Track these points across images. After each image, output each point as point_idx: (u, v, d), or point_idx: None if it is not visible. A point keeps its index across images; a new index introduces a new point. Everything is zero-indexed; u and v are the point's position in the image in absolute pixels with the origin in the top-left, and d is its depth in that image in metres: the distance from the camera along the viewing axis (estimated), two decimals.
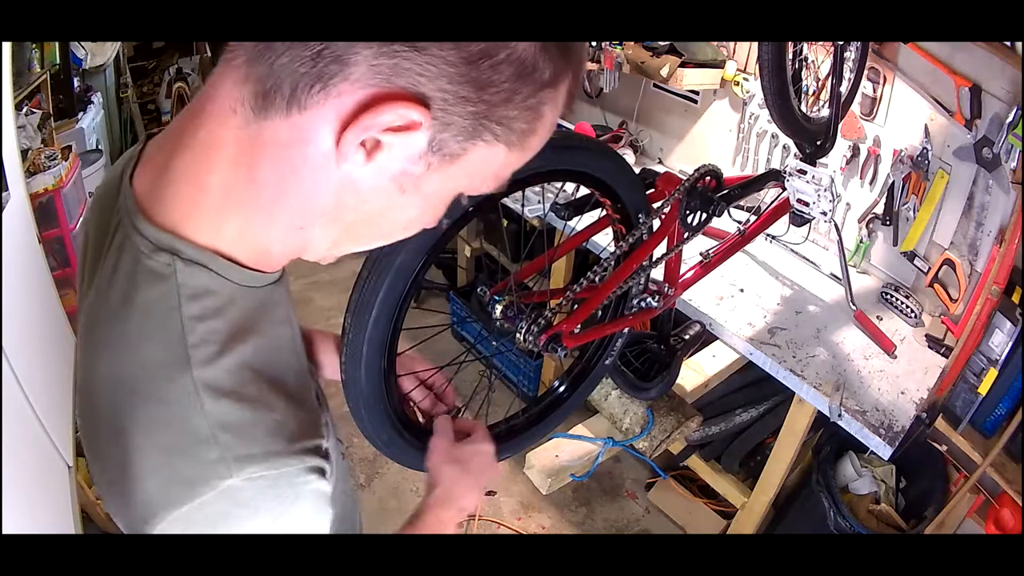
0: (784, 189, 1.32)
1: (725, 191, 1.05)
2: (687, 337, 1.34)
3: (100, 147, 3.11)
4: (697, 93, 2.23)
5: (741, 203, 1.91)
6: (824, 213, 1.23)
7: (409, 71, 0.40)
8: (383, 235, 0.51)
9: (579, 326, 0.92)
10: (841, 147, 1.81)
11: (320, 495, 0.49)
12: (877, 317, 1.71)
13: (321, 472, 0.49)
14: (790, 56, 1.26)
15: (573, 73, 0.46)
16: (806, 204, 1.28)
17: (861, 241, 1.88)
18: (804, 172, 1.28)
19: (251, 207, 0.46)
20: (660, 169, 1.07)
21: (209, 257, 0.47)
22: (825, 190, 1.26)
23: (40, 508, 1.38)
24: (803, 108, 1.37)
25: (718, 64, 2.08)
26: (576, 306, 0.92)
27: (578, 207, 0.96)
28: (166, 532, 0.45)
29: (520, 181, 0.76)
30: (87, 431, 0.51)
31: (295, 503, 0.47)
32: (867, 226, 1.86)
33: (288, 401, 0.49)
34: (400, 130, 0.41)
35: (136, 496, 0.45)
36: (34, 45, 2.50)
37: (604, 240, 1.06)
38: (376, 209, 0.47)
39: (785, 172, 1.31)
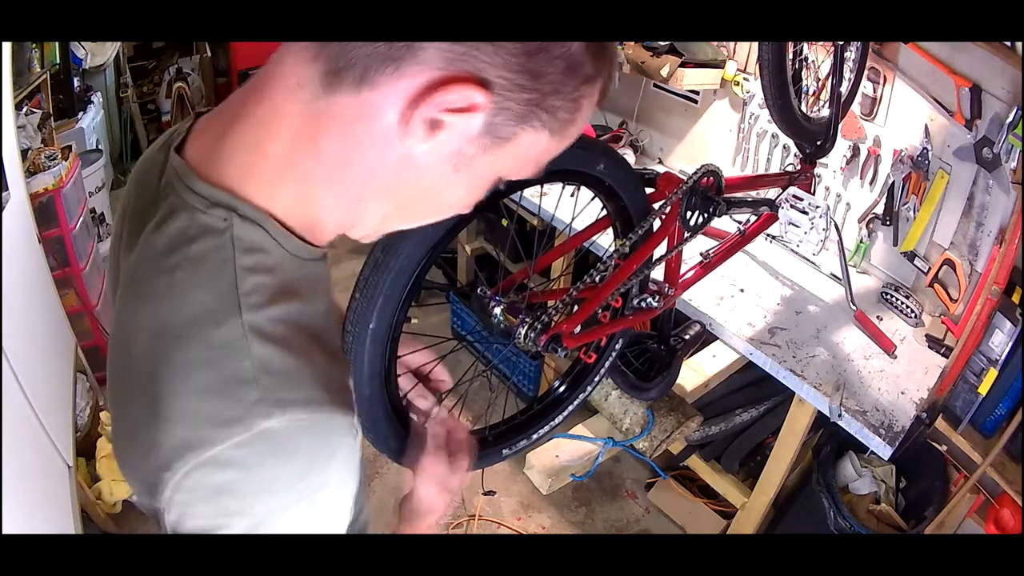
0: (776, 218, 1.30)
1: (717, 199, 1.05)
2: (687, 337, 1.34)
3: (100, 147, 3.11)
4: (697, 93, 2.23)
5: None
6: (813, 243, 1.19)
7: (475, 57, 0.42)
8: (431, 213, 0.53)
9: (579, 326, 0.92)
10: (841, 147, 1.81)
11: (353, 457, 0.50)
12: (877, 317, 1.71)
13: (355, 434, 0.50)
14: (790, 56, 1.27)
15: (608, 71, 0.50)
16: (797, 226, 1.26)
17: (861, 241, 1.88)
18: (800, 199, 1.26)
19: (311, 177, 0.48)
20: (660, 169, 1.07)
21: (265, 218, 0.49)
22: (819, 217, 1.23)
23: (40, 508, 1.38)
24: (803, 108, 1.37)
25: (718, 64, 2.08)
26: (576, 306, 0.92)
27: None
28: (189, 478, 0.44)
29: (522, 182, 0.76)
30: (116, 385, 0.51)
31: (331, 458, 0.47)
32: (867, 226, 1.86)
33: (330, 362, 0.50)
34: (460, 111, 0.43)
35: (162, 442, 0.44)
36: (34, 45, 2.50)
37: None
38: (430, 187, 0.49)
39: (780, 202, 1.29)
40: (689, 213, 1.05)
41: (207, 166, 0.49)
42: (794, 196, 1.22)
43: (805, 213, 1.17)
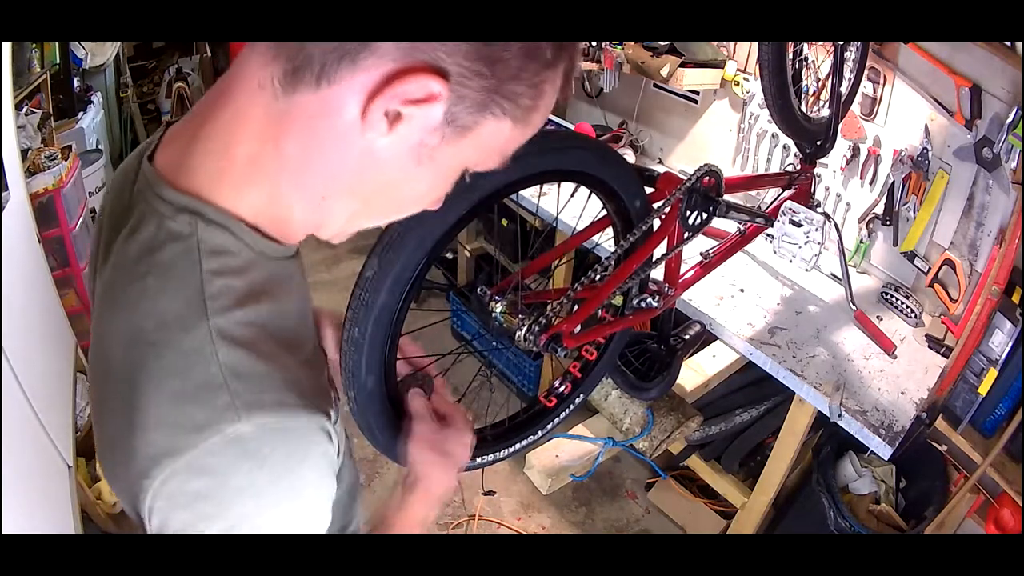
0: (770, 231, 1.28)
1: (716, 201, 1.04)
2: (687, 337, 1.34)
3: (100, 147, 3.11)
4: (697, 93, 2.23)
5: (741, 203, 1.92)
6: (807, 258, 1.15)
7: (431, 47, 0.42)
8: (397, 208, 0.53)
9: (579, 326, 0.92)
10: (841, 147, 1.81)
11: (327, 459, 0.49)
12: (877, 317, 1.71)
13: (329, 437, 0.49)
14: (790, 56, 1.27)
15: (570, 56, 0.49)
16: (792, 242, 1.24)
17: (861, 241, 1.88)
18: (797, 212, 1.25)
19: (276, 177, 0.48)
20: (660, 169, 1.07)
21: (230, 221, 0.49)
22: (815, 230, 1.21)
23: (40, 508, 1.38)
24: (803, 108, 1.38)
25: (718, 64, 2.08)
26: (576, 306, 0.92)
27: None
28: (166, 485, 0.44)
29: (520, 181, 0.76)
30: (97, 395, 0.51)
31: (303, 461, 0.47)
32: (867, 226, 1.86)
33: (301, 365, 0.50)
34: (419, 102, 0.43)
35: (140, 450, 0.44)
36: (34, 45, 2.50)
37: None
38: (393, 181, 0.49)
39: (780, 217, 1.27)
40: (689, 213, 1.05)
41: (176, 173, 0.50)
42: (791, 209, 1.20)
43: (800, 226, 1.15)
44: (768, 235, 1.83)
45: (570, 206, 0.95)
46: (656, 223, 1.01)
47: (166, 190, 0.49)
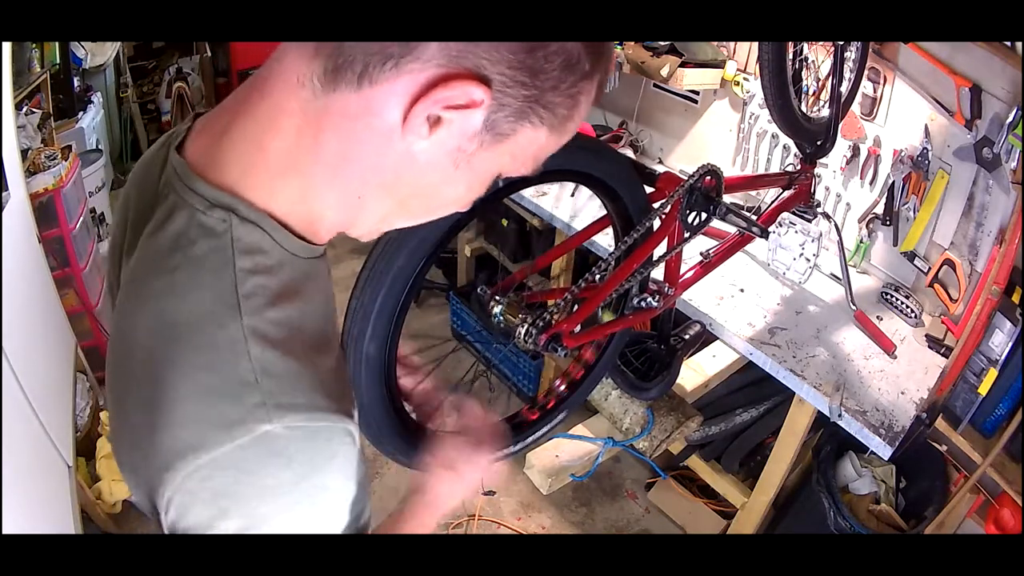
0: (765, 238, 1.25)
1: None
2: (687, 337, 1.34)
3: (100, 147, 3.11)
4: (697, 93, 2.23)
5: (741, 203, 1.92)
6: (800, 271, 1.10)
7: (475, 54, 0.43)
8: (431, 210, 0.53)
9: (579, 326, 0.92)
10: (841, 147, 1.81)
11: (352, 460, 0.49)
12: (877, 317, 1.71)
13: (353, 439, 0.49)
14: (790, 56, 1.26)
15: (604, 68, 0.50)
16: (785, 249, 1.18)
17: (861, 241, 1.88)
18: (794, 223, 1.23)
19: (311, 174, 0.48)
20: (660, 169, 1.07)
21: (264, 218, 0.48)
22: (811, 241, 1.18)
23: (40, 508, 1.38)
24: (803, 108, 1.37)
25: (718, 64, 2.08)
26: (576, 306, 0.92)
27: None
28: (190, 480, 0.44)
29: (521, 181, 0.76)
30: (116, 386, 0.51)
31: (330, 461, 0.47)
32: (867, 226, 1.86)
33: (328, 366, 0.51)
34: (461, 108, 0.44)
35: (165, 443, 0.44)
36: (34, 45, 2.50)
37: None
38: (430, 184, 0.49)
39: (776, 229, 1.25)
40: (689, 213, 1.05)
41: (207, 165, 0.49)
42: (789, 221, 1.17)
43: (798, 235, 1.11)
44: None
45: (570, 206, 0.95)
46: (656, 223, 1.01)
47: (198, 183, 0.48)
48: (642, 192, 0.97)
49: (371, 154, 0.47)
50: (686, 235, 1.05)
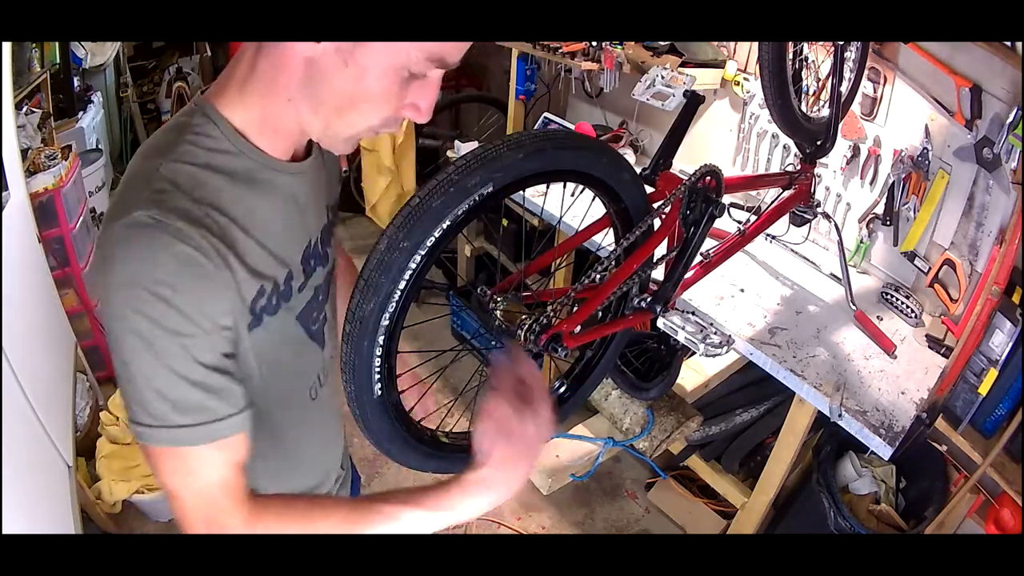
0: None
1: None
2: None
3: (100, 146, 3.11)
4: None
5: (741, 203, 1.92)
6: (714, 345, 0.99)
7: None
8: (359, 111, 0.63)
9: (579, 326, 0.92)
10: (841, 147, 1.81)
11: (189, 262, 0.58)
12: (877, 317, 1.71)
13: (205, 252, 0.58)
14: (790, 56, 1.26)
15: None
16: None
17: (861, 241, 1.88)
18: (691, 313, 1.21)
19: (258, 92, 0.63)
20: None
21: (220, 120, 0.64)
22: (711, 327, 1.05)
23: (40, 508, 1.38)
24: (803, 108, 1.37)
25: (718, 64, 2.08)
26: (576, 306, 0.92)
27: None
28: (97, 242, 0.61)
29: (522, 180, 0.76)
30: None
31: (160, 248, 0.57)
32: (867, 226, 1.86)
33: (218, 223, 0.61)
34: None
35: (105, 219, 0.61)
36: (34, 45, 2.50)
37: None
38: (337, 84, 0.60)
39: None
40: (689, 212, 1.04)
41: (211, 87, 0.67)
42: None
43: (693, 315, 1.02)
44: (768, 235, 1.84)
45: (570, 206, 0.95)
46: (656, 223, 1.01)
47: (199, 97, 0.67)
48: (642, 192, 0.97)
49: (286, 68, 0.60)
50: (696, 238, 1.03)
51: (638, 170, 0.98)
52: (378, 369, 0.74)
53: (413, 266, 0.70)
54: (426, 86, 0.63)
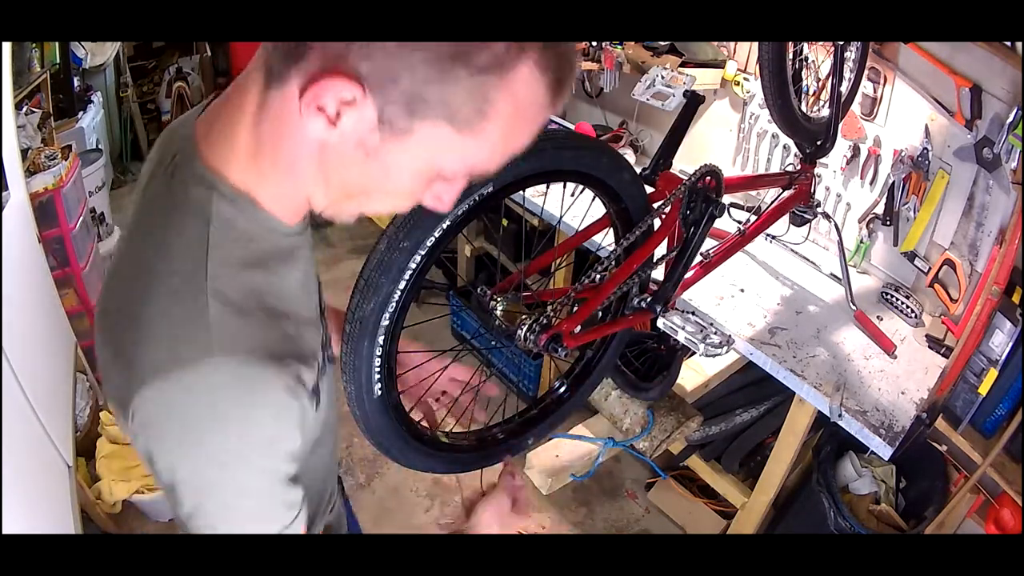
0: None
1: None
2: None
3: (100, 146, 3.11)
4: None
5: (741, 203, 1.92)
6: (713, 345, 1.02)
7: (348, 52, 0.47)
8: (367, 197, 0.58)
9: (579, 326, 0.92)
10: (841, 147, 1.81)
11: (285, 408, 0.54)
12: (877, 317, 1.71)
13: (292, 391, 0.54)
14: (790, 56, 1.26)
15: (536, 64, 0.49)
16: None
17: (861, 241, 1.88)
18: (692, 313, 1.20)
19: (265, 162, 0.56)
20: None
21: (240, 197, 0.56)
22: (710, 327, 1.08)
23: (40, 508, 1.38)
24: (803, 108, 1.38)
25: (718, 64, 2.08)
26: (576, 306, 0.92)
27: None
28: (151, 400, 0.51)
29: (522, 180, 0.76)
30: (106, 305, 0.58)
31: (255, 405, 0.52)
32: (867, 226, 1.86)
33: (283, 332, 0.57)
34: (348, 104, 0.48)
35: (137, 361, 0.52)
36: (34, 45, 2.50)
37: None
38: (354, 173, 0.54)
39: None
40: (690, 213, 1.04)
41: (205, 142, 0.57)
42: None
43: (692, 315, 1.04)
44: (768, 235, 1.84)
45: (570, 206, 0.95)
46: (656, 223, 1.01)
47: (196, 158, 0.57)
48: (642, 192, 0.97)
49: (295, 145, 0.53)
50: (696, 239, 1.03)
51: (638, 170, 0.99)
52: (378, 369, 0.74)
53: (413, 266, 0.70)
54: (454, 184, 0.58)
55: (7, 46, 1.66)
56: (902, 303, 1.73)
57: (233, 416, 0.51)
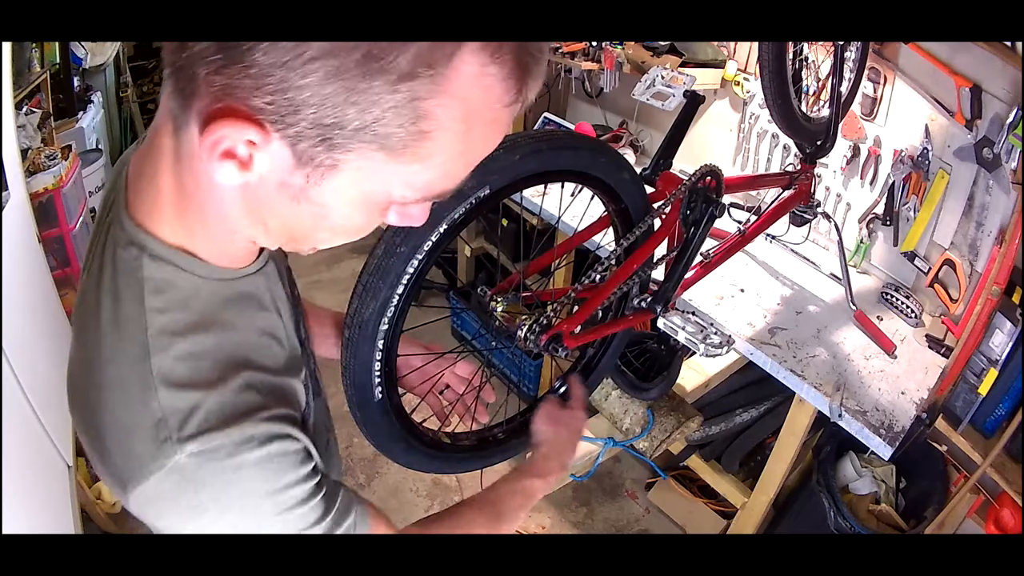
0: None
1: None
2: None
3: (100, 147, 3.10)
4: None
5: (741, 203, 1.92)
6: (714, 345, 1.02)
7: (238, 86, 0.39)
8: (321, 239, 0.51)
9: (579, 326, 0.92)
10: (841, 147, 1.81)
11: (268, 458, 0.50)
12: (877, 317, 1.71)
13: (269, 437, 0.50)
14: (790, 56, 1.26)
15: (479, 52, 0.40)
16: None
17: (861, 241, 1.88)
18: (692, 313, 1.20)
19: (192, 215, 0.50)
20: None
21: (173, 253, 0.51)
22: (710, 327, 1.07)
23: (40, 508, 1.38)
24: (803, 108, 1.37)
25: (718, 64, 2.08)
26: (577, 306, 0.92)
27: None
28: (138, 502, 0.49)
29: (520, 181, 0.76)
30: (72, 374, 0.54)
31: (237, 472, 0.49)
32: (867, 226, 1.86)
33: (247, 382, 0.52)
34: (250, 144, 0.41)
35: (110, 467, 0.49)
36: (34, 45, 2.50)
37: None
38: (288, 216, 0.47)
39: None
40: (690, 213, 1.04)
41: (132, 193, 0.52)
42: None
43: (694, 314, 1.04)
44: (768, 235, 1.84)
45: (570, 206, 0.95)
46: (656, 223, 1.01)
47: (124, 215, 0.51)
48: (642, 192, 0.97)
49: (215, 192, 0.47)
50: (696, 239, 1.03)
51: (638, 170, 0.99)
52: (378, 373, 0.74)
53: (411, 270, 0.70)
54: (417, 209, 0.50)
55: (7, 46, 1.66)
56: (902, 303, 1.73)
57: (224, 496, 0.49)
